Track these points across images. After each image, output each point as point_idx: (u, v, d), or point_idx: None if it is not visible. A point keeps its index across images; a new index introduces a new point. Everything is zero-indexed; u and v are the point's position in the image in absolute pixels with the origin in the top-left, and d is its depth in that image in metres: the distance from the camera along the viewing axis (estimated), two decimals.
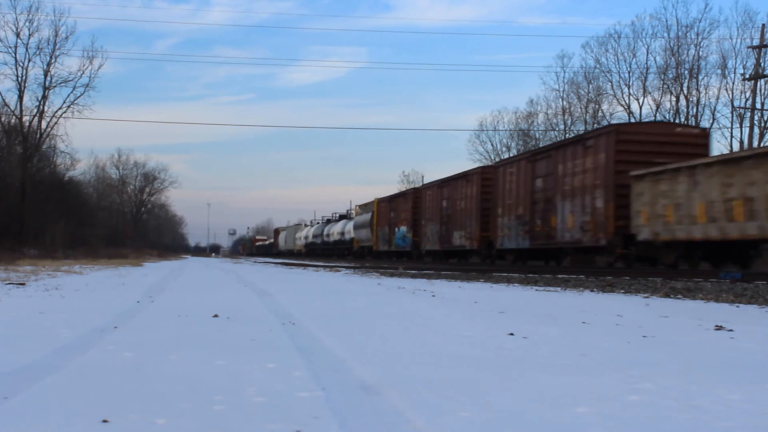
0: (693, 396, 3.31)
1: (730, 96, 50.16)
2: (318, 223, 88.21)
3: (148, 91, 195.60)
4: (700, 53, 50.34)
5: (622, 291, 11.88)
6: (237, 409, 3.01)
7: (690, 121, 49.89)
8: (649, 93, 53.00)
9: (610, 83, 55.05)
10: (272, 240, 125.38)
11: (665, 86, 51.83)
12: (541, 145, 56.53)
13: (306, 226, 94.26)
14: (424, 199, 41.57)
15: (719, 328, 6.15)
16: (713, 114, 51.28)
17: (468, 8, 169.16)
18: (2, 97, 51.91)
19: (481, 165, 45.93)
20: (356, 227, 61.88)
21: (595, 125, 54.49)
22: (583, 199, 23.73)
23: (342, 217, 75.78)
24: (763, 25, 43.51)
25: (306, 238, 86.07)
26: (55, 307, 7.97)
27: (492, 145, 68.04)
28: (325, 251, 74.76)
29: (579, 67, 61.92)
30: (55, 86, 52.72)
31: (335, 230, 70.79)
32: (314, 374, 3.78)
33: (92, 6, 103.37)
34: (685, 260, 20.15)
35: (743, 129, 49.88)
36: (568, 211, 24.63)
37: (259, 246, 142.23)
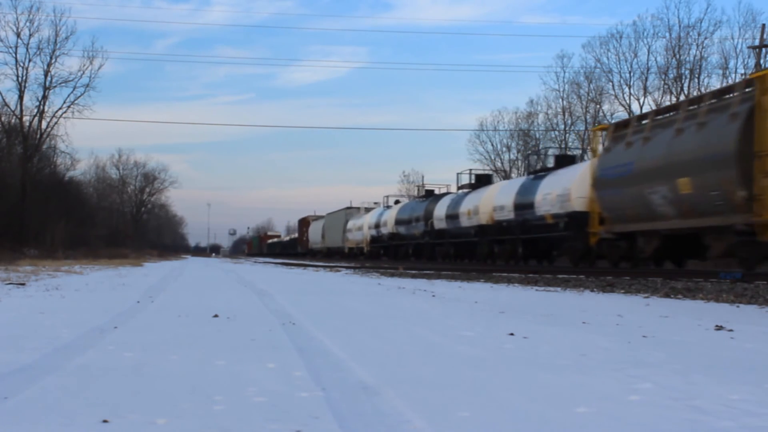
0: (693, 396, 3.31)
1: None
2: (398, 201, 53.09)
3: (148, 91, 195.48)
4: (702, 53, 50.37)
5: (623, 291, 11.88)
6: (237, 409, 3.01)
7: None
8: (650, 93, 53.00)
9: (611, 83, 55.04)
10: (295, 235, 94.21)
11: (666, 86, 51.85)
12: (541, 146, 56.49)
13: (366, 210, 58.82)
14: None
15: (719, 328, 6.15)
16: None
17: (468, 8, 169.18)
18: (2, 97, 51.97)
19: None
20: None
21: (596, 125, 54.51)
22: None
23: (477, 182, 37.71)
24: (763, 25, 43.52)
25: (378, 226, 49.49)
26: (56, 307, 7.97)
27: (492, 145, 67.94)
28: (448, 246, 37.40)
29: (579, 67, 61.81)
30: (55, 86, 52.76)
31: (492, 200, 32.01)
32: (314, 374, 3.78)
33: (92, 6, 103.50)
34: None
35: None
36: None
37: (272, 244, 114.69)
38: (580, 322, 6.71)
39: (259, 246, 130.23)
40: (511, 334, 5.56)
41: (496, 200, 31.55)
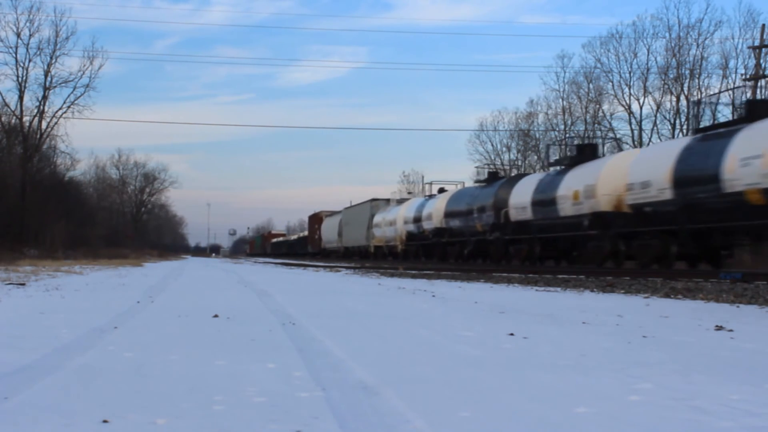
0: (693, 396, 3.31)
1: (731, 96, 50.20)
2: (443, 190, 42.31)
3: (148, 91, 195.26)
4: (702, 53, 50.39)
5: (623, 291, 11.88)
6: (237, 409, 3.01)
7: (690, 122, 49.82)
8: (650, 93, 52.98)
9: (611, 83, 55.02)
10: (303, 233, 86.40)
11: (666, 86, 51.85)
12: (541, 146, 56.48)
13: (398, 202, 48.69)
14: None
15: (719, 328, 6.15)
16: (714, 114, 51.12)
17: (468, 8, 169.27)
18: (2, 97, 51.83)
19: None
20: None
21: (596, 125, 54.47)
22: None
23: (579, 153, 26.64)
24: (764, 25, 43.53)
25: (418, 220, 39.69)
26: (56, 307, 7.97)
27: (492, 145, 67.87)
28: (534, 243, 27.64)
29: (579, 67, 61.70)
30: (55, 86, 52.67)
31: (622, 175, 21.87)
32: (314, 374, 3.78)
33: (92, 6, 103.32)
34: None
35: None
36: None
37: (277, 243, 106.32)
38: (580, 322, 6.71)
39: (262, 246, 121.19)
40: (511, 334, 5.56)
41: (632, 175, 21.28)
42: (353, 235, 54.87)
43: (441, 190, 42.23)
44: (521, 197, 28.11)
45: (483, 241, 31.52)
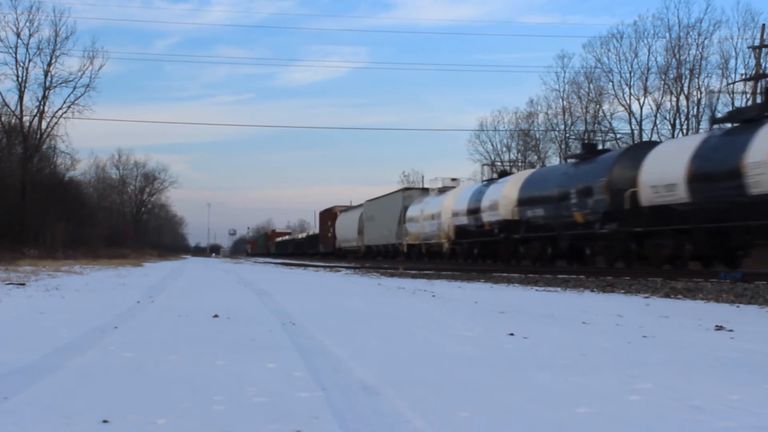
0: (693, 396, 3.31)
1: (731, 96, 50.18)
2: (505, 173, 33.95)
3: (148, 91, 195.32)
4: (702, 53, 50.39)
5: (623, 291, 11.88)
6: (237, 409, 3.01)
7: (690, 122, 49.82)
8: (650, 93, 52.98)
9: (611, 83, 55.02)
10: (313, 231, 79.78)
11: (666, 86, 51.85)
12: (541, 146, 56.44)
13: (440, 191, 39.66)
14: None
15: (719, 328, 6.15)
16: (714, 114, 51.01)
17: (469, 7, 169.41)
18: (2, 97, 51.85)
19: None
20: None
21: (596, 125, 54.47)
22: None
23: None
24: (764, 25, 43.52)
25: (476, 212, 31.09)
26: (56, 307, 7.97)
27: (492, 145, 67.82)
28: (692, 238, 18.86)
29: (579, 67, 61.67)
30: (55, 86, 52.68)
31: None
32: (314, 374, 3.79)
33: (92, 6, 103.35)
34: None
35: None
36: None
37: (282, 243, 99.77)
38: (580, 322, 6.71)
39: (265, 245, 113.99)
40: (511, 335, 5.56)
41: None
42: (379, 232, 46.64)
43: (503, 174, 33.53)
44: (664, 170, 19.48)
45: (584, 237, 23.52)
